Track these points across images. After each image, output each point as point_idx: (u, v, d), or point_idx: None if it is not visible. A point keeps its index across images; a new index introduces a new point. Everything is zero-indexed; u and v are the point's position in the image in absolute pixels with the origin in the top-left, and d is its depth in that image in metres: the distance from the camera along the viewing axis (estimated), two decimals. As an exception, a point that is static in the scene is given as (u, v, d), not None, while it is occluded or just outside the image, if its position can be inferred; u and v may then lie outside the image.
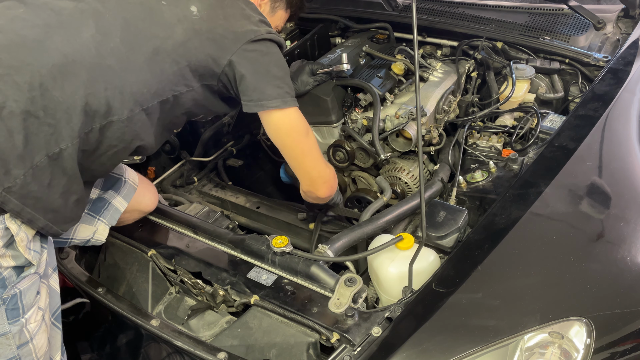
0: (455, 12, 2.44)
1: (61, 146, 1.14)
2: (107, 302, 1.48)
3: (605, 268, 1.25)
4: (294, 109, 1.40)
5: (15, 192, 1.09)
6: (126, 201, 1.55)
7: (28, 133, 1.09)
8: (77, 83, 1.14)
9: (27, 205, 1.12)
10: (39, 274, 1.21)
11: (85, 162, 1.22)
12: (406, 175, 1.94)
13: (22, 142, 1.08)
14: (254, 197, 2.11)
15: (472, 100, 2.16)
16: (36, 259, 1.19)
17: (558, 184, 1.41)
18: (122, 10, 1.24)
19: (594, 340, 1.13)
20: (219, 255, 1.52)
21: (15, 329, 1.17)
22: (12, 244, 1.14)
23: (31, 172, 1.10)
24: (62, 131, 1.13)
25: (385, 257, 1.42)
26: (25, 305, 1.18)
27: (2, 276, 1.14)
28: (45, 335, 1.26)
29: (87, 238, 1.51)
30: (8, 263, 1.14)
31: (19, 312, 1.17)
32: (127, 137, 1.26)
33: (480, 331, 1.14)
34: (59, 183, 1.16)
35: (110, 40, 1.19)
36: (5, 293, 1.14)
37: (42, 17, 1.17)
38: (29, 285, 1.19)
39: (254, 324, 1.35)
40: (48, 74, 1.11)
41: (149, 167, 2.28)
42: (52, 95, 1.11)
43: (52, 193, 1.15)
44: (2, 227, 1.12)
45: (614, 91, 1.73)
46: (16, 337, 1.17)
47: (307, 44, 2.41)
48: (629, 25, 2.27)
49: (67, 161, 1.16)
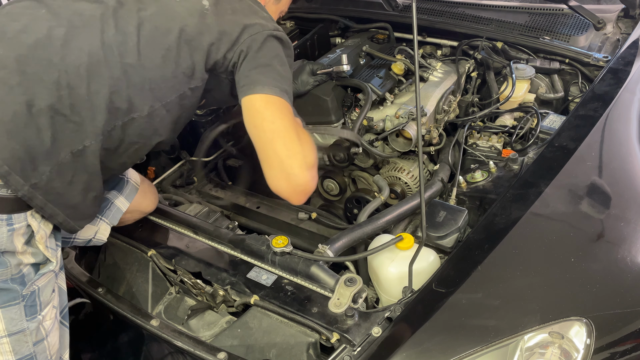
0: (455, 12, 2.44)
1: (85, 143, 1.17)
2: (107, 302, 1.48)
3: (605, 268, 1.25)
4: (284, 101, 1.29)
5: (41, 188, 1.12)
6: (128, 201, 1.56)
7: (55, 130, 1.12)
8: (101, 82, 1.17)
9: (50, 201, 1.15)
10: (54, 272, 1.24)
11: (106, 161, 1.24)
12: (406, 175, 1.94)
13: (50, 139, 1.11)
14: (254, 197, 2.11)
15: (472, 100, 2.16)
16: (54, 257, 1.22)
17: (558, 184, 1.41)
18: (138, 9, 1.26)
19: (594, 340, 1.13)
20: (219, 255, 1.52)
21: (32, 325, 1.19)
22: (31, 240, 1.17)
23: (56, 168, 1.14)
24: (86, 129, 1.16)
25: (385, 257, 1.42)
26: (42, 303, 1.21)
27: (22, 273, 1.16)
28: (58, 333, 1.29)
29: (89, 238, 1.51)
30: (28, 260, 1.17)
31: (37, 309, 1.20)
32: (147, 133, 1.28)
33: (480, 331, 1.14)
34: (80, 180, 1.19)
35: (129, 39, 1.22)
36: (25, 290, 1.17)
37: (66, 18, 1.20)
38: (46, 282, 1.21)
39: (254, 324, 1.35)
40: (74, 74, 1.14)
41: (149, 167, 2.28)
42: (78, 94, 1.14)
43: (73, 189, 1.18)
44: (24, 224, 1.14)
45: (614, 91, 1.73)
46: (33, 334, 1.19)
47: (307, 44, 2.41)
48: (629, 25, 2.28)
49: (89, 158, 1.18)
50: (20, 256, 1.16)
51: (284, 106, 1.28)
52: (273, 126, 1.25)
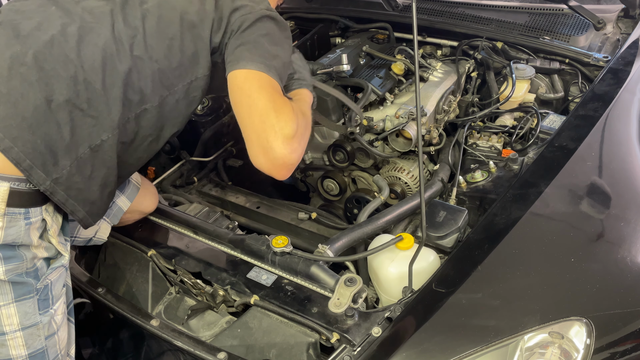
0: (455, 12, 2.44)
1: (102, 137, 1.19)
2: (107, 302, 1.48)
3: (605, 268, 1.25)
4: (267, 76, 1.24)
5: (62, 184, 1.14)
6: (129, 200, 1.57)
7: (74, 125, 1.14)
8: (115, 76, 1.19)
9: (71, 196, 1.17)
10: (65, 267, 1.25)
11: (124, 155, 1.26)
12: (406, 175, 1.94)
13: (69, 133, 1.13)
14: (254, 197, 2.11)
15: (472, 100, 2.16)
16: (66, 251, 1.24)
17: (558, 184, 1.41)
18: (141, 2, 1.28)
19: (594, 340, 1.13)
20: (219, 255, 1.52)
21: (45, 319, 1.20)
22: (44, 235, 1.19)
23: (76, 163, 1.16)
24: (103, 123, 1.18)
25: (385, 257, 1.42)
26: (54, 297, 1.22)
27: (36, 267, 1.18)
28: (66, 327, 1.30)
29: (90, 237, 1.52)
30: (42, 254, 1.19)
31: (49, 303, 1.21)
32: (159, 124, 1.30)
33: (480, 331, 1.14)
34: (98, 175, 1.21)
35: (137, 32, 1.24)
36: (39, 283, 1.18)
37: (77, 14, 1.22)
38: (57, 276, 1.23)
39: (254, 324, 1.35)
40: (90, 69, 1.16)
41: (149, 167, 2.28)
42: (94, 89, 1.16)
43: (92, 185, 1.20)
44: (39, 219, 1.16)
45: (614, 91, 1.73)
46: (45, 327, 1.20)
47: (307, 44, 2.41)
48: (629, 25, 2.28)
49: (107, 153, 1.20)
50: (35, 250, 1.17)
51: (266, 80, 1.23)
52: (249, 100, 1.21)
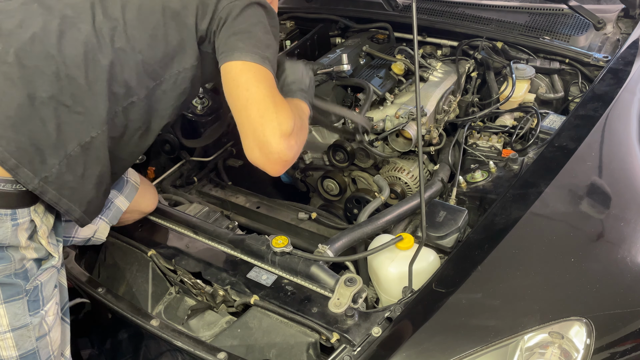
0: (455, 12, 2.44)
1: (92, 134, 1.18)
2: (107, 302, 1.48)
3: (605, 268, 1.25)
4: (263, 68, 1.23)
5: (53, 182, 1.13)
6: (128, 200, 1.56)
7: (60, 122, 1.13)
8: (98, 70, 1.18)
9: (64, 196, 1.16)
10: (56, 268, 1.24)
11: (115, 151, 1.25)
12: (406, 175, 1.94)
13: (55, 130, 1.12)
14: (254, 197, 2.11)
15: (472, 100, 2.16)
16: (56, 252, 1.23)
17: (558, 184, 1.41)
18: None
19: (594, 340, 1.13)
20: (219, 255, 1.52)
21: (35, 320, 1.19)
22: (34, 236, 1.18)
23: (65, 161, 1.14)
24: (91, 119, 1.17)
25: (385, 257, 1.42)
26: (45, 298, 1.21)
27: (25, 268, 1.17)
28: (59, 328, 1.29)
29: (88, 237, 1.52)
30: (31, 255, 1.18)
31: (39, 304, 1.20)
32: (147, 116, 1.28)
33: (480, 331, 1.14)
34: (92, 173, 1.20)
35: (118, 23, 1.22)
36: (28, 285, 1.17)
37: (58, 10, 1.20)
38: (48, 277, 1.22)
39: (254, 324, 1.35)
40: (72, 64, 1.15)
41: (149, 167, 2.28)
42: (78, 84, 1.15)
43: (86, 184, 1.19)
44: (28, 219, 1.15)
45: (614, 91, 1.73)
46: (36, 329, 1.20)
47: (307, 44, 2.41)
48: (629, 25, 2.28)
49: (99, 150, 1.19)
50: (24, 251, 1.16)
51: (262, 73, 1.22)
52: (247, 93, 1.19)
